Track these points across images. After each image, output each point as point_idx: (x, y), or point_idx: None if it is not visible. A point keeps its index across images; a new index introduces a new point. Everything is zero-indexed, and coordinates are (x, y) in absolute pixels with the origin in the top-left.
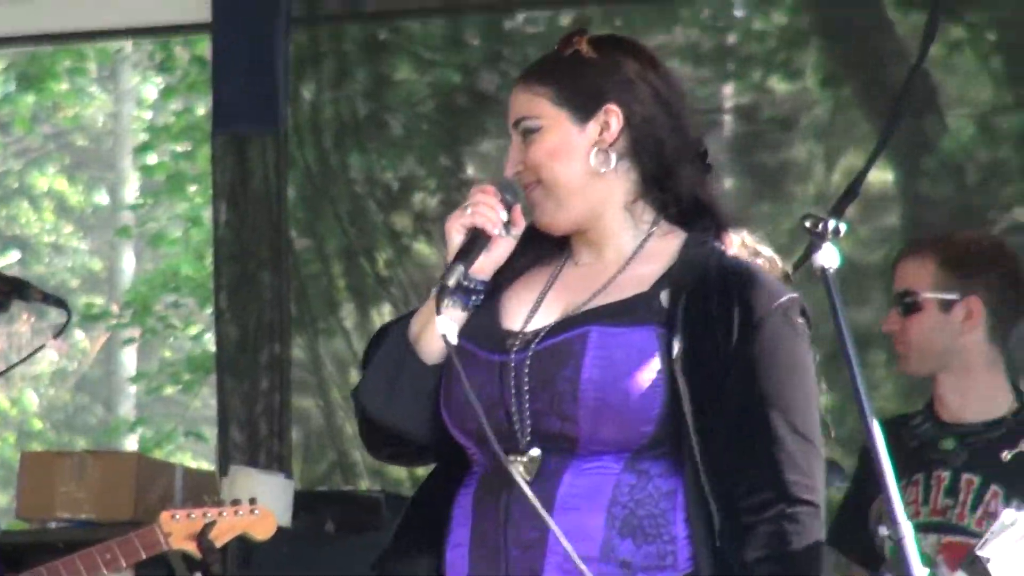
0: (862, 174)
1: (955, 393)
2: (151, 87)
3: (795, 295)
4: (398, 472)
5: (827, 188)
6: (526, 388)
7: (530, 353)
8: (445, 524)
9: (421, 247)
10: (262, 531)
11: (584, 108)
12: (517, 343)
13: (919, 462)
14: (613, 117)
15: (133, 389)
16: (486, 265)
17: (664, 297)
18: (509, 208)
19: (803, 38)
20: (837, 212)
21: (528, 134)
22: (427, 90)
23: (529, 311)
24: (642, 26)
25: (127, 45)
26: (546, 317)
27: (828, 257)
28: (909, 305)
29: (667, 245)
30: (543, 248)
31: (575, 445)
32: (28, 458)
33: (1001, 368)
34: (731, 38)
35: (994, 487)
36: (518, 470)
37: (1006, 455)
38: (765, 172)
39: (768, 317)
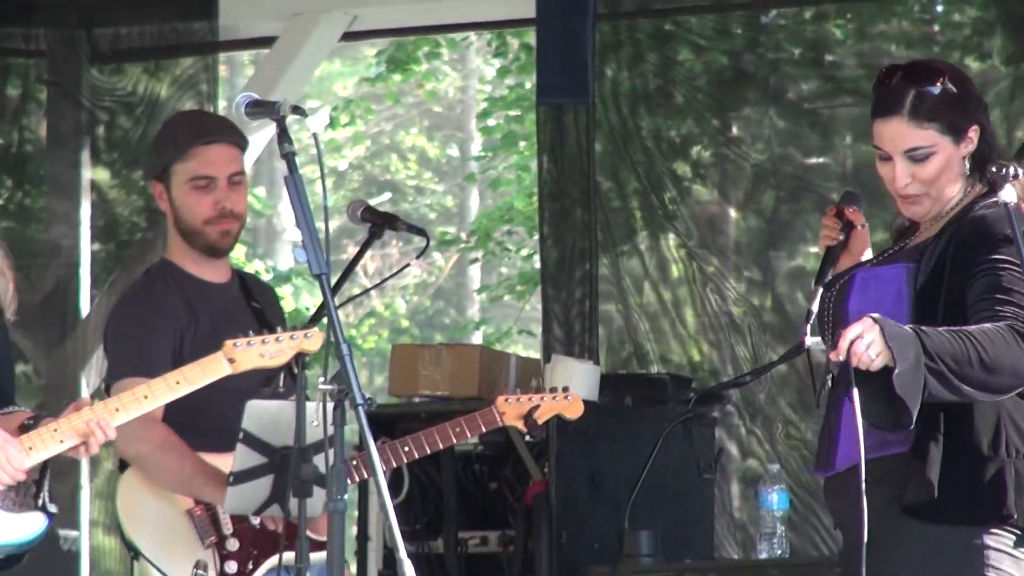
0: None
1: None
2: (490, 68)
3: (1008, 231)
4: (680, 359)
5: (1008, 145)
6: (830, 316)
7: (832, 293)
8: None
9: (698, 188)
10: (572, 412)
11: (959, 133)
12: (831, 284)
13: None
14: (974, 134)
15: (477, 297)
16: (844, 262)
17: (931, 244)
18: (843, 217)
19: (991, 28)
20: (1018, 159)
21: (921, 156)
22: (702, 68)
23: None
24: (867, 18)
25: (471, 35)
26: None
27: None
28: None
29: (967, 201)
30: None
31: None
32: (397, 349)
33: None
34: (935, 27)
35: None
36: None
37: None
38: None
39: (984, 243)
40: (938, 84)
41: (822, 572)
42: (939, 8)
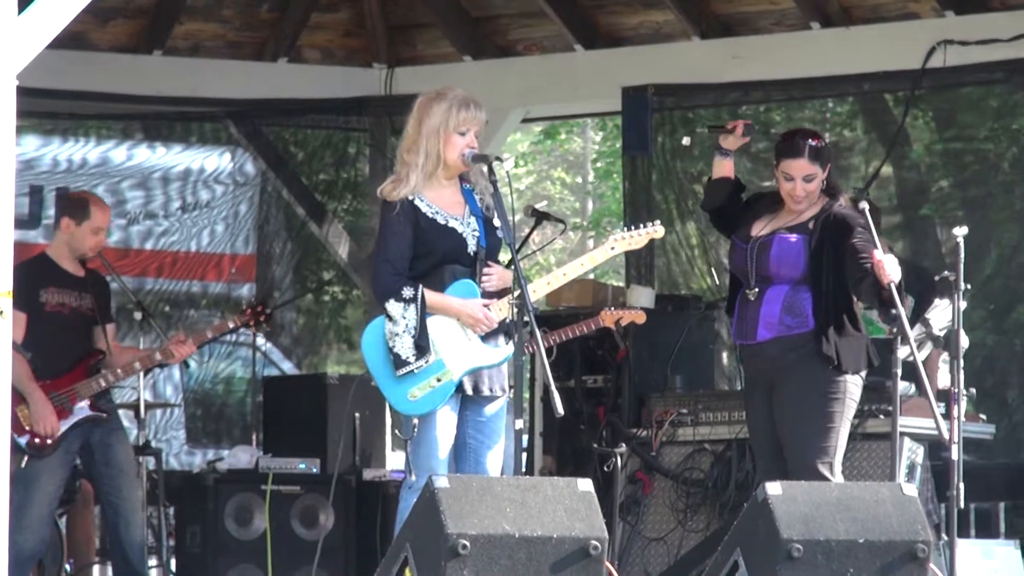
0: None
1: None
2: (599, 135)
3: (862, 220)
4: (696, 287)
5: (865, 173)
6: (755, 260)
7: (756, 245)
8: None
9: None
10: (639, 319)
11: (825, 167)
12: (752, 241)
13: None
14: (829, 167)
15: None
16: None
17: (812, 224)
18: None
19: (856, 115)
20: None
21: (810, 179)
22: (707, 136)
23: (761, 228)
24: (793, 110)
25: (589, 120)
26: (765, 230)
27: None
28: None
29: (820, 202)
30: (778, 206)
31: (772, 280)
32: None
33: None
34: (827, 114)
35: None
36: (753, 292)
37: None
38: None
39: (851, 227)
40: (818, 141)
41: None
42: (830, 104)
